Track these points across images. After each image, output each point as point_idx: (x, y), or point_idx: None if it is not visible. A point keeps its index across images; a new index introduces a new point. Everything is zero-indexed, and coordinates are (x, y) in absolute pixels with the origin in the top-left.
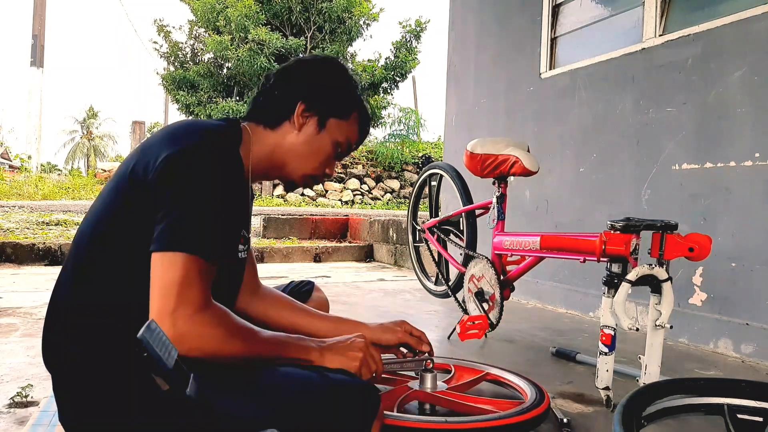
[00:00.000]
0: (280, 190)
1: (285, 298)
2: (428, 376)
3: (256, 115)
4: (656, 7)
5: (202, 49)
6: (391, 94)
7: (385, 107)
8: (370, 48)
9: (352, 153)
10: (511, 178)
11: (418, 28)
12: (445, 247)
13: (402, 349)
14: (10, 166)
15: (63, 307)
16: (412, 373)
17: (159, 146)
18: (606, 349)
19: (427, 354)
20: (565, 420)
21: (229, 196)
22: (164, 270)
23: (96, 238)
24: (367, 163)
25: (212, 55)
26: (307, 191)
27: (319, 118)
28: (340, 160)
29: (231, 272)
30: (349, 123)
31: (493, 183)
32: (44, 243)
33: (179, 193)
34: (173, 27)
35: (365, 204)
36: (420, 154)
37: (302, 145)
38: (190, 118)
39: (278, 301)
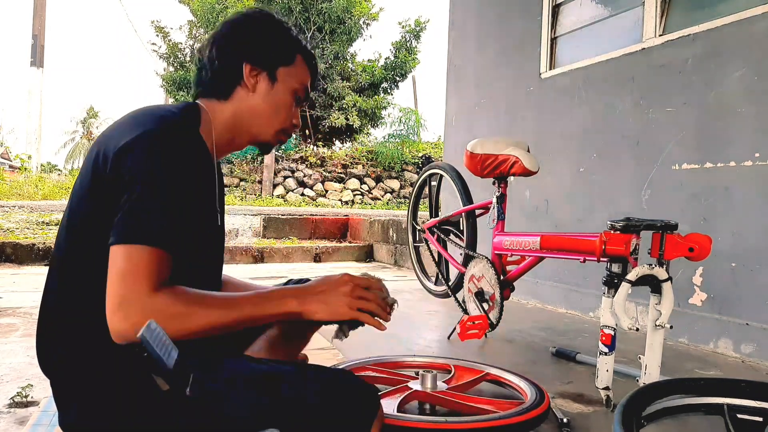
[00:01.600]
0: (280, 190)
1: (231, 279)
2: (428, 376)
3: (206, 91)
4: (656, 7)
5: None
6: (391, 94)
7: (385, 107)
8: (370, 48)
9: (309, 98)
10: (511, 178)
11: (418, 28)
12: (445, 247)
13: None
14: (10, 166)
15: (49, 308)
16: (412, 372)
17: (116, 135)
18: (606, 349)
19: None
20: (565, 420)
21: (186, 180)
22: (117, 263)
23: (71, 237)
24: (367, 163)
25: None
26: (307, 191)
27: (268, 72)
28: (303, 105)
29: (215, 241)
30: (296, 67)
31: (493, 183)
32: (44, 243)
33: (133, 182)
34: (172, 28)
35: (365, 204)
36: (420, 154)
37: (262, 104)
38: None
39: (227, 284)
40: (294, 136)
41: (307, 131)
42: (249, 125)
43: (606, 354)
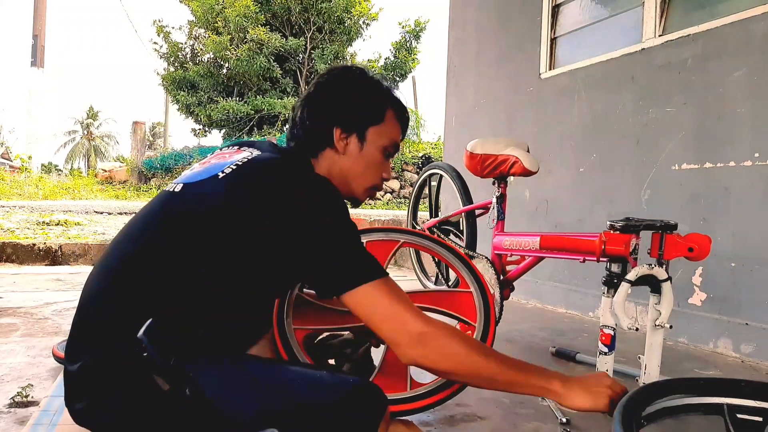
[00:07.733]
0: None
1: None
2: None
3: (297, 147)
4: (656, 7)
5: (201, 49)
6: None
7: None
8: (369, 48)
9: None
10: (511, 178)
11: (418, 29)
12: None
13: None
14: (11, 167)
15: (94, 305)
16: None
17: (257, 185)
18: (606, 349)
19: None
20: (564, 420)
21: (344, 209)
22: (374, 305)
23: (146, 251)
24: None
25: (212, 56)
26: None
27: (358, 134)
28: (392, 157)
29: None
30: (386, 124)
31: (493, 183)
32: (45, 243)
33: (313, 230)
34: (173, 27)
35: (365, 204)
36: (420, 154)
37: (353, 166)
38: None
39: None
40: None
41: None
42: (338, 184)
43: (606, 354)
